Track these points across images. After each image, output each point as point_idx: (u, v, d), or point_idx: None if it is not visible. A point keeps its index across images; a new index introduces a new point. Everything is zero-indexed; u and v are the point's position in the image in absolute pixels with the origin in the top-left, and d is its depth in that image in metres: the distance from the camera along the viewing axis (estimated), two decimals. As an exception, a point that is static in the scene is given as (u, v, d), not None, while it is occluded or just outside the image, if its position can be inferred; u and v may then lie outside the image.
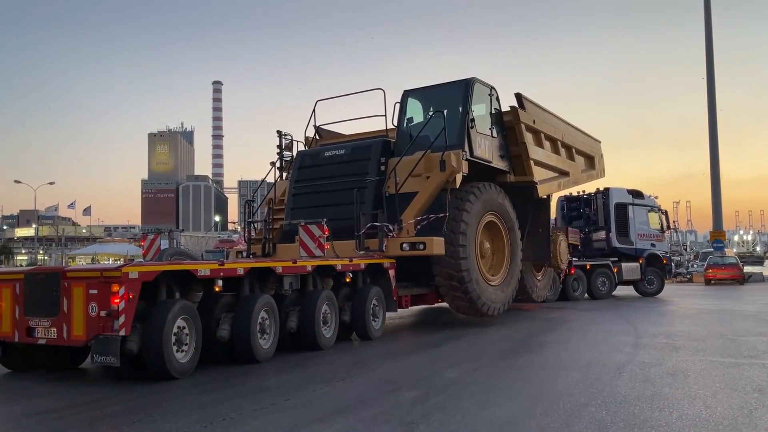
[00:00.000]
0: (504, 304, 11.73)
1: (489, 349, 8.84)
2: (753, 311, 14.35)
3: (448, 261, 10.42)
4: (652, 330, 10.89)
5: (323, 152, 11.97)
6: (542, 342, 9.50)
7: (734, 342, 9.09)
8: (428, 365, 7.56)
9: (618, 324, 11.94)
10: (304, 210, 11.39)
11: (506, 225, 12.06)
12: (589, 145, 16.61)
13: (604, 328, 11.21)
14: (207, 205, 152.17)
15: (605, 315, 14.03)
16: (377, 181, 10.78)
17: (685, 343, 8.97)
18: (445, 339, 10.05)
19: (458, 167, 10.47)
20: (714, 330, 10.74)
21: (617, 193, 20.29)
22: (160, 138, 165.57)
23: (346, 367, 7.47)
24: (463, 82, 11.36)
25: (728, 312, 14.46)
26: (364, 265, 9.75)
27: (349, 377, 6.78)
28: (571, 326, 11.90)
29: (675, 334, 10.06)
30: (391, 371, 7.16)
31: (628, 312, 14.58)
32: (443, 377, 6.66)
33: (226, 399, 5.75)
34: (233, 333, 7.42)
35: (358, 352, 8.63)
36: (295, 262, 8.59)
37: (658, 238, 20.83)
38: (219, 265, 7.40)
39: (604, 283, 19.21)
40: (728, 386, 5.98)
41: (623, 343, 9.13)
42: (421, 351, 8.89)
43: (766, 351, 8.19)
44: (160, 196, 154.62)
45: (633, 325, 11.77)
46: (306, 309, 8.51)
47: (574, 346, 9.07)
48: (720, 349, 8.41)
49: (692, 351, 8.28)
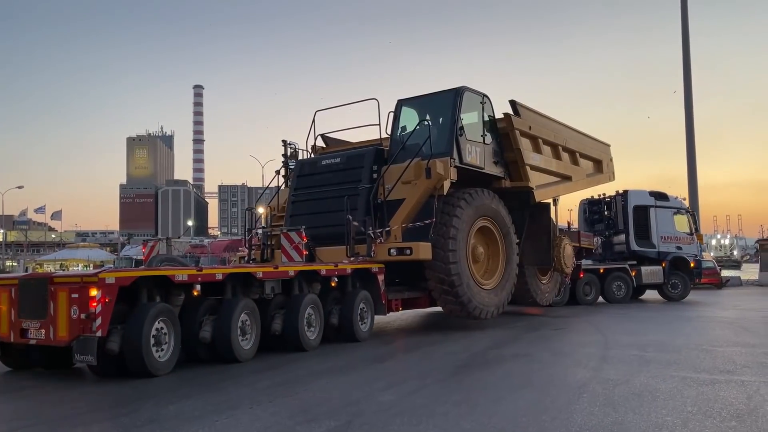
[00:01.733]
0: (498, 307, 11.90)
1: (441, 364, 7.94)
2: (731, 318, 13.67)
3: (438, 265, 10.69)
4: (623, 340, 10.14)
5: (321, 161, 12.33)
6: (502, 355, 8.60)
7: (710, 354, 8.31)
8: (366, 384, 6.64)
9: (589, 333, 11.12)
10: (302, 217, 11.77)
11: (501, 230, 12.21)
12: (597, 149, 16.59)
13: (574, 339, 10.40)
14: (186, 210, 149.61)
15: (586, 321, 13.27)
16: (369, 189, 11.04)
17: (656, 356, 8.19)
18: (404, 349, 9.63)
19: (446, 174, 10.71)
20: (690, 339, 10.01)
21: (636, 195, 19.91)
22: (139, 142, 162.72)
23: (271, 387, 6.53)
24: (453, 91, 11.60)
25: (706, 319, 13.74)
26: (350, 270, 10.03)
27: (268, 401, 5.85)
28: (542, 335, 11.07)
29: (647, 345, 9.28)
30: (320, 393, 6.24)
31: (610, 318, 14.00)
32: (376, 401, 5.78)
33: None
34: (214, 335, 7.84)
35: (304, 366, 7.98)
36: (276, 268, 9.01)
37: (685, 241, 20.01)
38: (197, 271, 7.80)
39: (620, 288, 18.66)
40: (701, 411, 5.17)
41: (589, 356, 8.35)
42: (366, 366, 7.96)
43: (744, 365, 7.40)
44: (139, 201, 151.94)
45: (605, 334, 10.99)
46: (290, 312, 8.89)
47: (536, 359, 8.21)
48: (694, 363, 7.62)
49: (664, 365, 7.49)
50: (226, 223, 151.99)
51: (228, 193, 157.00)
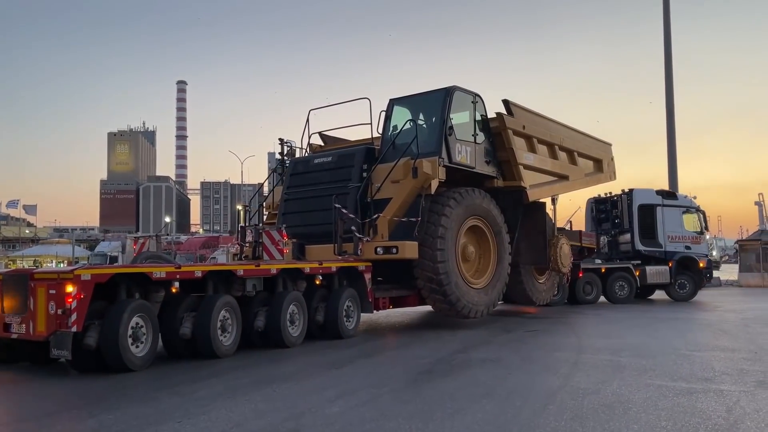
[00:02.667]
0: (488, 306, 11.93)
1: (403, 370, 7.40)
2: (710, 320, 13.32)
3: (427, 264, 10.74)
4: (598, 343, 9.68)
5: (313, 159, 12.41)
6: (469, 360, 8.08)
7: (688, 359, 7.87)
8: (317, 393, 6.10)
9: (564, 336, 10.65)
10: (294, 215, 11.95)
11: (493, 229, 12.21)
12: (596, 148, 16.48)
13: (547, 342, 9.90)
14: (168, 206, 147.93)
15: (563, 323, 12.84)
16: (358, 188, 11.10)
17: (631, 361, 7.73)
18: (369, 352, 9.02)
19: (433, 174, 10.75)
20: (667, 343, 9.57)
21: (641, 194, 19.62)
22: (120, 137, 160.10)
23: (210, 396, 5.95)
24: (443, 91, 11.59)
25: (685, 320, 13.34)
26: (335, 268, 10.11)
27: (201, 413, 5.27)
28: (515, 337, 10.54)
29: (622, 349, 8.83)
30: (264, 403, 5.69)
31: (588, 319, 13.60)
32: (322, 414, 5.24)
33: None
34: (194, 331, 7.95)
35: (266, 368, 7.72)
36: (258, 266, 9.11)
37: (695, 240, 19.58)
38: (176, 268, 7.93)
39: (623, 287, 18.38)
40: (677, 427, 4.74)
41: (561, 361, 7.88)
42: (323, 371, 7.40)
43: (723, 371, 6.96)
44: (120, 197, 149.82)
45: (580, 336, 10.54)
46: (273, 309, 8.99)
47: (504, 365, 7.69)
48: (671, 369, 7.17)
49: (638, 371, 7.03)
50: (209, 220, 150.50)
51: (210, 190, 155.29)
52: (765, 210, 58.41)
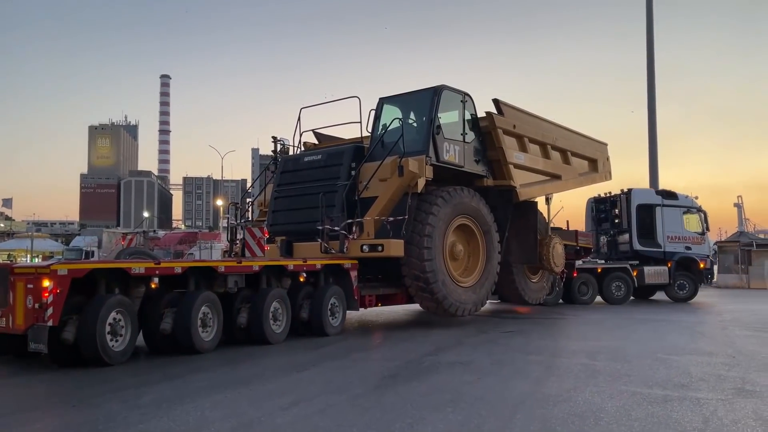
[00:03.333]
0: (476, 305, 11.98)
1: (367, 374, 7.03)
2: (688, 321, 13.13)
3: (414, 262, 10.80)
4: (573, 345, 9.41)
5: (303, 157, 12.46)
6: (438, 363, 7.72)
7: (664, 364, 7.60)
8: (270, 399, 5.72)
9: (540, 337, 10.35)
10: (283, 213, 12.05)
11: (482, 228, 12.20)
12: (591, 148, 16.45)
13: (521, 344, 9.55)
14: (150, 201, 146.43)
15: (540, 324, 12.63)
16: (346, 186, 11.13)
17: (606, 365, 7.43)
18: (333, 355, 8.54)
19: (420, 172, 10.75)
20: (643, 346, 9.30)
21: (640, 194, 19.59)
22: (101, 131, 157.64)
23: (157, 401, 5.55)
24: (431, 90, 11.60)
25: (663, 322, 13.11)
26: (320, 266, 10.18)
27: (138, 422, 4.85)
28: (489, 338, 10.23)
29: (598, 352, 8.54)
30: (212, 411, 5.29)
31: (566, 320, 13.42)
32: (271, 424, 4.91)
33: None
34: (175, 326, 8.01)
35: (231, 369, 7.48)
36: (239, 263, 9.16)
37: (695, 241, 19.43)
38: (155, 264, 8.03)
39: (620, 288, 18.25)
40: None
41: (533, 364, 7.58)
42: (283, 375, 7.00)
43: (700, 377, 6.68)
44: (101, 192, 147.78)
45: (556, 338, 10.26)
46: (255, 306, 9.05)
47: (474, 368, 7.35)
48: (646, 375, 6.88)
49: (613, 377, 6.72)
50: (191, 216, 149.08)
51: (193, 185, 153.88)
52: (744, 212, 58.97)
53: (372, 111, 12.05)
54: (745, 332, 11.22)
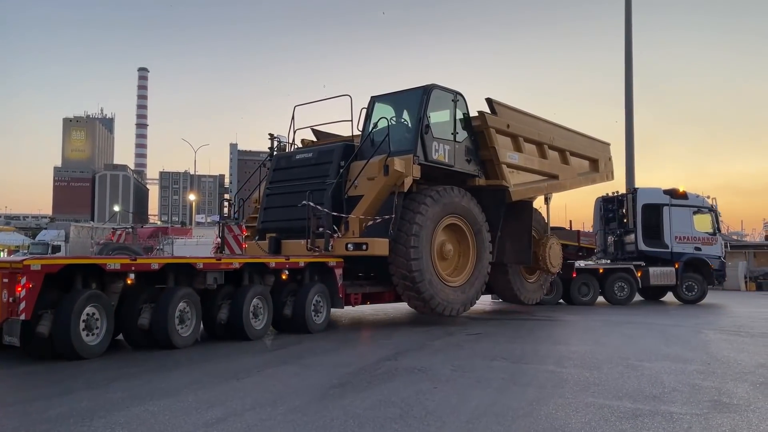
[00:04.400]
0: (465, 304, 11.97)
1: (315, 382, 6.41)
2: (663, 324, 12.71)
3: (400, 261, 10.82)
4: (542, 350, 8.88)
5: (295, 155, 12.54)
6: (395, 370, 7.13)
7: (636, 371, 7.12)
8: (197, 413, 5.08)
9: (508, 341, 9.81)
10: (275, 210, 12.14)
11: (472, 228, 12.16)
12: (592, 147, 16.32)
13: (486, 348, 8.99)
14: (125, 195, 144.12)
15: (510, 326, 12.17)
16: (334, 184, 11.16)
17: (574, 373, 6.94)
18: (286, 357, 8.07)
19: (407, 171, 10.74)
20: (615, 351, 8.82)
21: (645, 193, 19.27)
22: (76, 124, 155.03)
23: (64, 416, 4.87)
24: (421, 89, 11.57)
25: (637, 325, 12.69)
26: (303, 264, 10.26)
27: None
28: (453, 342, 9.67)
29: (567, 358, 8.07)
30: (122, 429, 4.60)
31: (536, 323, 12.91)
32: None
33: None
34: (152, 322, 8.13)
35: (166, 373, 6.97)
36: (219, 260, 9.27)
37: (706, 242, 18.98)
38: (131, 260, 8.11)
39: (623, 288, 17.97)
40: (615, 465, 3.80)
41: (497, 371, 7.05)
42: (219, 384, 6.34)
43: (674, 387, 6.22)
44: (75, 185, 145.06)
45: (524, 341, 9.74)
46: (236, 302, 9.17)
47: (432, 375, 6.78)
48: (616, 384, 6.38)
49: (580, 387, 6.21)
50: (167, 211, 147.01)
51: (170, 180, 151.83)
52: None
53: (363, 109, 12.01)
54: (720, 336, 10.84)
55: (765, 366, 7.60)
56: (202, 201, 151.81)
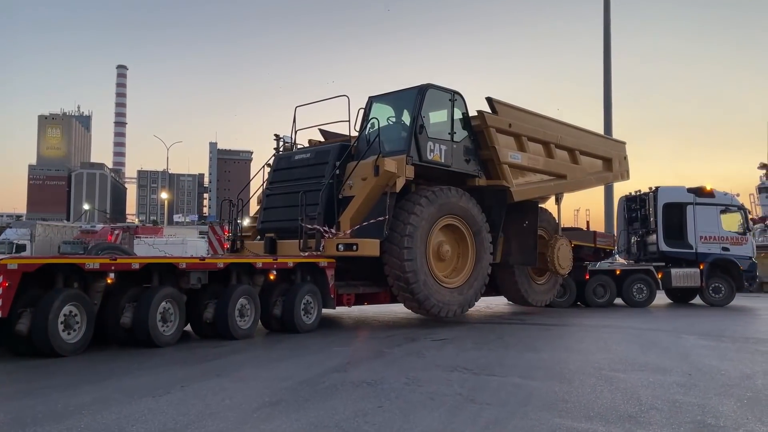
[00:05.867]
0: (462, 306, 11.86)
1: (242, 401, 5.55)
2: (639, 328, 12.12)
3: (394, 262, 10.79)
4: (509, 359, 8.14)
5: (294, 156, 12.56)
6: (342, 383, 6.33)
7: (610, 384, 6.42)
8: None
9: (474, 347, 9.05)
10: (274, 210, 12.20)
11: (471, 228, 12.00)
12: (605, 146, 15.98)
13: (448, 357, 8.22)
14: (102, 194, 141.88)
15: (478, 330, 11.40)
16: (327, 185, 11.15)
17: (542, 387, 6.23)
18: (222, 368, 7.23)
19: (399, 172, 10.71)
20: (588, 359, 8.16)
21: (667, 192, 18.52)
22: (52, 121, 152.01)
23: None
24: (416, 89, 11.47)
25: (613, 328, 12.09)
26: (292, 264, 10.29)
27: None
28: (414, 349, 8.89)
29: (535, 367, 7.40)
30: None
31: (511, 327, 12.21)
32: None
33: None
34: (134, 320, 8.26)
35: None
36: (203, 260, 9.47)
37: (735, 241, 18.19)
38: (111, 260, 8.19)
39: (642, 290, 17.44)
40: None
41: (455, 385, 6.27)
42: (129, 402, 5.46)
43: (651, 405, 5.53)
44: (50, 184, 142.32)
45: (493, 348, 8.99)
46: (222, 302, 9.24)
47: (381, 390, 5.98)
48: (587, 400, 5.67)
49: (547, 404, 5.50)
50: (145, 210, 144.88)
51: (148, 179, 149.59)
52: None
53: (361, 109, 11.95)
54: (700, 341, 10.19)
55: (751, 377, 6.95)
56: (180, 200, 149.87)
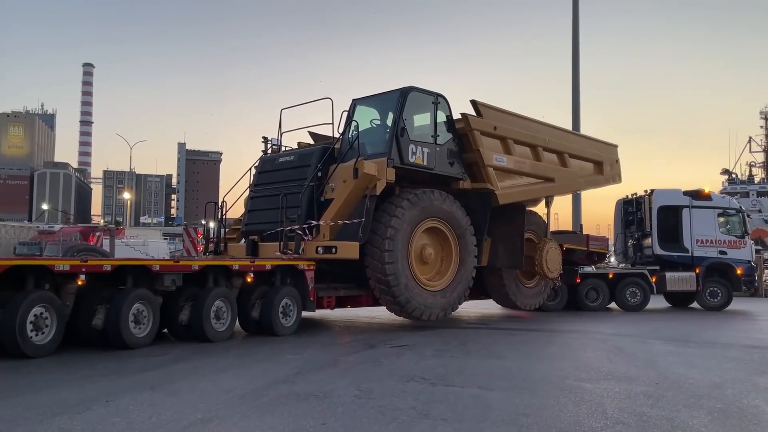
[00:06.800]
0: (445, 309, 11.84)
1: (170, 418, 4.99)
2: (606, 333, 11.85)
3: (375, 265, 10.80)
4: (470, 366, 7.75)
5: (278, 158, 12.62)
6: (286, 396, 5.80)
7: (574, 394, 6.03)
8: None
9: (436, 354, 8.61)
10: (258, 212, 12.22)
11: (455, 231, 11.96)
12: (595, 149, 15.91)
13: (406, 365, 7.76)
14: (66, 194, 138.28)
15: (439, 335, 10.98)
16: (308, 187, 11.16)
17: (502, 398, 5.83)
18: (159, 380, 6.65)
19: (380, 174, 10.72)
20: (552, 366, 7.87)
21: (663, 195, 18.39)
22: (14, 119, 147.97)
23: None
24: (398, 92, 11.48)
25: (579, 334, 11.83)
26: (270, 267, 10.31)
27: None
28: (371, 356, 8.47)
29: (497, 376, 7.03)
30: None
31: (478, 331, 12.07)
32: None
33: None
34: (106, 322, 8.29)
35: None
36: (177, 262, 9.61)
37: (733, 245, 17.88)
38: (81, 262, 8.20)
39: (635, 294, 17.28)
40: None
41: (408, 397, 5.86)
42: (42, 420, 4.87)
43: (617, 418, 5.25)
44: (11, 183, 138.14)
45: (455, 354, 8.60)
46: (197, 304, 9.23)
47: (328, 404, 5.49)
48: (550, 414, 5.38)
49: (507, 419, 5.16)
50: (111, 211, 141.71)
51: (114, 179, 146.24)
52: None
53: (345, 112, 11.92)
54: (666, 347, 9.95)
55: (720, 386, 6.67)
56: (147, 201, 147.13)
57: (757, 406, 5.67)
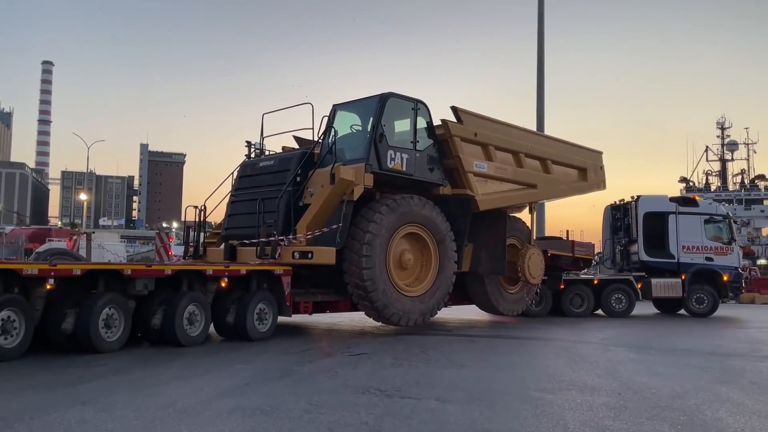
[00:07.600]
0: (424, 315, 11.84)
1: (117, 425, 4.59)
2: (569, 340, 11.75)
3: (353, 270, 10.81)
4: (428, 376, 7.42)
5: (259, 162, 12.65)
6: (228, 410, 5.40)
7: (535, 407, 5.82)
8: None
9: (396, 362, 8.30)
10: (238, 217, 12.27)
11: (435, 237, 11.96)
12: (579, 156, 15.87)
13: (362, 374, 7.43)
14: (22, 195, 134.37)
15: (399, 341, 10.76)
16: (285, 192, 11.17)
17: (459, 412, 5.61)
18: (97, 394, 6.14)
19: (357, 180, 10.75)
20: (514, 376, 7.66)
21: (648, 201, 18.42)
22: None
23: None
24: (377, 98, 11.51)
25: (542, 341, 11.64)
26: (245, 271, 10.29)
27: None
28: (327, 365, 8.16)
29: (455, 387, 6.76)
30: None
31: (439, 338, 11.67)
32: None
33: None
34: (76, 326, 8.29)
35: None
36: (149, 266, 9.66)
37: (720, 251, 17.87)
38: (50, 266, 8.18)
39: (621, 300, 17.23)
40: None
41: (363, 410, 5.61)
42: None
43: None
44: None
45: (414, 363, 8.28)
46: (170, 309, 9.22)
47: (271, 420, 5.12)
48: (509, 428, 5.26)
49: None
50: (69, 213, 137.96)
51: (73, 180, 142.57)
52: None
53: (325, 117, 11.94)
54: (629, 355, 9.85)
55: (682, 396, 6.54)
56: (108, 203, 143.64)
57: (720, 419, 5.53)
